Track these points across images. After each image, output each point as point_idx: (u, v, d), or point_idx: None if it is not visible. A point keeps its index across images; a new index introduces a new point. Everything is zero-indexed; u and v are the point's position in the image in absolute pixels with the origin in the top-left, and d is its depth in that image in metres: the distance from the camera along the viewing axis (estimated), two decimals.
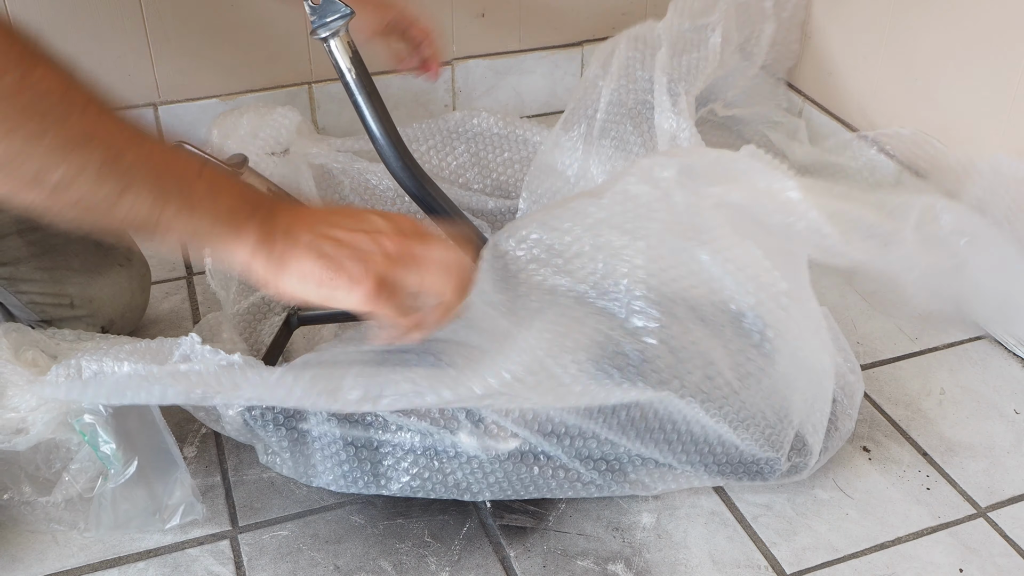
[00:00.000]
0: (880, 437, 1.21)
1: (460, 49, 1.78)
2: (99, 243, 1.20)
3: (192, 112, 1.65)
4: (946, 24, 1.38)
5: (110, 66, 1.57)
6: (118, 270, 1.22)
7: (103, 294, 1.20)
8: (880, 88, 1.53)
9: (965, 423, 1.23)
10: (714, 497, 1.13)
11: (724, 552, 1.06)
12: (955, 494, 1.14)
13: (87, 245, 1.19)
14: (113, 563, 1.04)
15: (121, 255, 1.23)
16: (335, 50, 1.08)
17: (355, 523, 1.09)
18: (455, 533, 1.08)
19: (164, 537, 1.07)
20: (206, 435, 1.19)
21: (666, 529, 1.09)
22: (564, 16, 1.83)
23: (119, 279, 1.22)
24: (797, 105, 1.71)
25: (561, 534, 1.08)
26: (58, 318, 1.18)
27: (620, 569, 1.04)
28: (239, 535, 1.07)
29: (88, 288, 1.19)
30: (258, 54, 1.65)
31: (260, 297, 1.25)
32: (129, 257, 1.24)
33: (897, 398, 1.27)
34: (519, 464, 1.01)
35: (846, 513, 1.11)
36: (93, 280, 1.19)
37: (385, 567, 1.04)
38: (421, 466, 1.03)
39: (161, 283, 1.44)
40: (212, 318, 1.17)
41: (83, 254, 1.19)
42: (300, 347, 1.27)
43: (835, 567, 1.05)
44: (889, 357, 1.33)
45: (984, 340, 1.36)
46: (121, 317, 1.24)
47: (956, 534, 1.09)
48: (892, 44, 1.49)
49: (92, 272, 1.19)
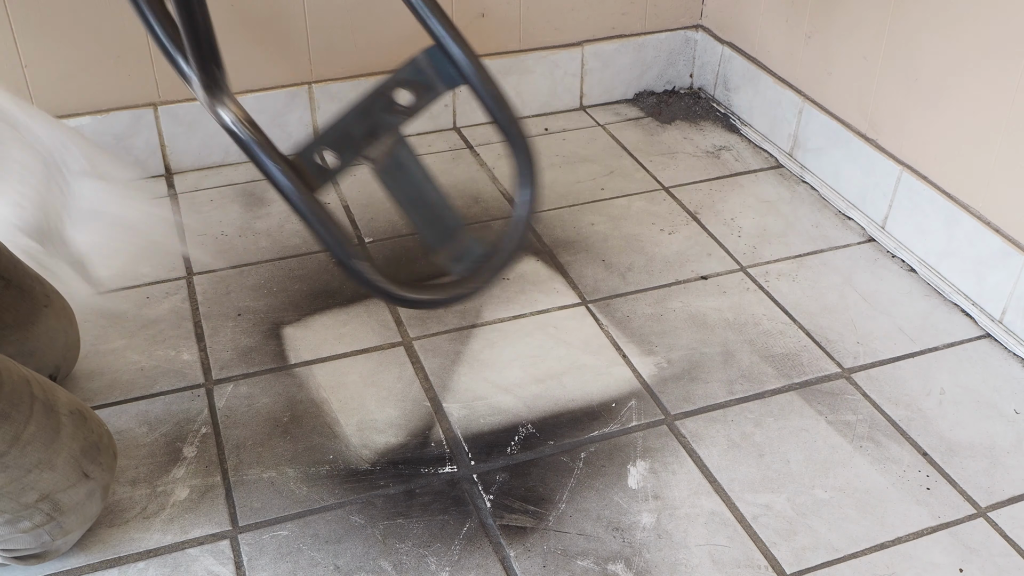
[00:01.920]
0: (880, 437, 1.21)
1: None
2: (21, 289, 1.15)
3: (192, 112, 1.65)
4: (946, 24, 1.39)
5: (110, 66, 1.57)
6: (45, 312, 1.18)
7: (41, 344, 1.17)
8: (880, 88, 1.53)
9: (965, 423, 1.23)
10: (714, 497, 1.13)
11: (724, 552, 1.06)
12: (955, 494, 1.14)
13: (12, 295, 1.14)
14: (113, 563, 1.04)
15: (40, 296, 1.18)
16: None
17: (355, 523, 1.09)
18: (455, 533, 1.08)
19: (164, 537, 1.07)
20: (206, 435, 1.19)
21: (666, 529, 1.09)
22: (564, 16, 1.83)
23: (50, 321, 1.18)
24: (797, 105, 1.71)
25: (561, 534, 1.08)
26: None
27: (620, 569, 1.04)
28: (239, 535, 1.07)
29: (26, 343, 1.15)
30: (258, 54, 1.65)
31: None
32: (48, 295, 1.20)
33: (897, 398, 1.27)
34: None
35: (846, 513, 1.11)
36: (28, 332, 1.15)
37: (385, 567, 1.04)
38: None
39: (161, 283, 1.44)
40: None
41: (12, 307, 1.14)
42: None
43: (835, 567, 1.05)
44: (889, 357, 1.33)
45: (984, 340, 1.36)
46: (64, 358, 1.21)
47: (956, 534, 1.09)
48: (892, 44, 1.49)
49: (25, 324, 1.15)
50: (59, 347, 1.20)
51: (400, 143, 1.02)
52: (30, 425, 0.93)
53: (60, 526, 0.98)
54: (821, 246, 1.55)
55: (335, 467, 1.15)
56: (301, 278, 1.46)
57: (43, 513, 0.96)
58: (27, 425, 0.93)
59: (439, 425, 1.21)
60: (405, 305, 1.08)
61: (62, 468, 0.96)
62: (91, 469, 0.99)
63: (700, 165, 1.76)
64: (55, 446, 0.95)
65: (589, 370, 1.30)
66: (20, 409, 0.92)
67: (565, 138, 1.84)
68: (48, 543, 0.99)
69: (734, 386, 1.28)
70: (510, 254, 1.06)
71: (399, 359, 1.31)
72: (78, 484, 0.98)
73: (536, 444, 1.19)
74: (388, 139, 1.01)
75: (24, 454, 0.93)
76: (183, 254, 1.49)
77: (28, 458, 0.93)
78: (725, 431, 1.21)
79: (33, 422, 0.94)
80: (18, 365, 0.97)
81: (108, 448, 1.03)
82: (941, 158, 1.44)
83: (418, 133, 1.82)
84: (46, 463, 0.95)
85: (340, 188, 1.66)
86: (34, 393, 0.95)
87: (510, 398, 1.25)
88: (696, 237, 1.56)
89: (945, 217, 1.43)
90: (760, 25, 1.79)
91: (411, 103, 1.03)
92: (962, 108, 1.38)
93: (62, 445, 0.96)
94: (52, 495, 0.96)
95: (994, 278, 1.36)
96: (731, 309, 1.41)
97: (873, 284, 1.47)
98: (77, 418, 1.00)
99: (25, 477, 0.93)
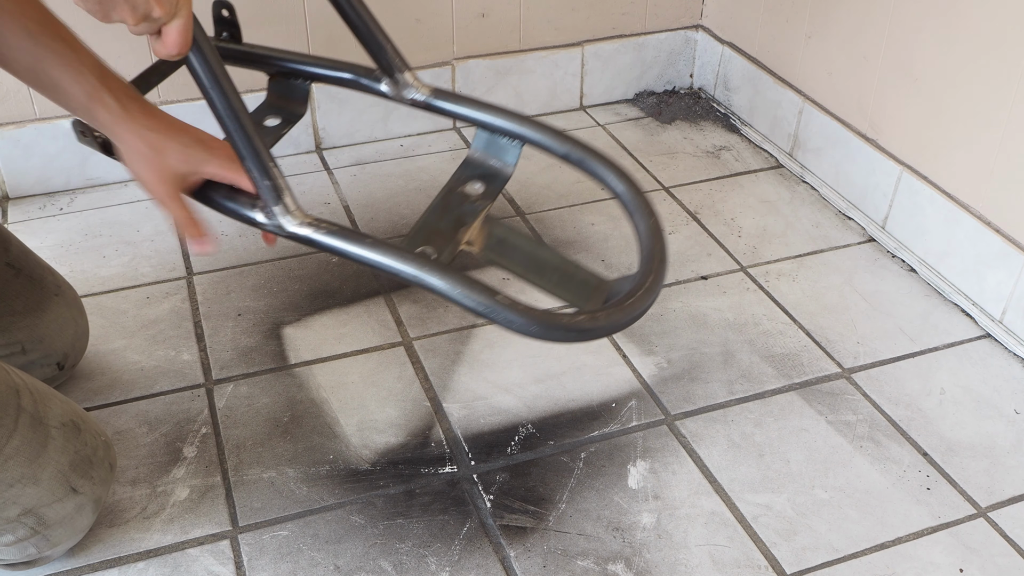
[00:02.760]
0: (880, 437, 1.21)
1: (460, 49, 1.78)
2: (31, 278, 1.17)
3: (192, 112, 1.65)
4: (946, 24, 1.39)
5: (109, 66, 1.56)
6: (56, 301, 1.19)
7: (51, 330, 1.18)
8: (880, 88, 1.53)
9: (965, 423, 1.23)
10: (714, 497, 1.13)
11: (724, 552, 1.06)
12: (955, 494, 1.14)
13: (22, 283, 1.16)
14: (113, 563, 1.04)
15: (51, 285, 1.20)
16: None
17: (355, 523, 1.09)
18: (455, 533, 1.08)
19: (164, 537, 1.07)
20: (206, 435, 1.19)
21: (666, 529, 1.09)
22: (564, 16, 1.83)
23: (60, 310, 1.19)
24: (797, 105, 1.71)
25: (561, 534, 1.08)
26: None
27: (620, 569, 1.04)
28: (239, 535, 1.07)
29: (36, 329, 1.16)
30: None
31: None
32: (59, 285, 1.21)
33: (897, 398, 1.27)
34: None
35: (846, 513, 1.11)
36: (39, 319, 1.16)
37: (385, 567, 1.04)
38: None
39: (161, 283, 1.44)
40: None
41: (23, 294, 1.16)
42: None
43: (835, 567, 1.05)
44: (889, 357, 1.33)
45: (984, 340, 1.36)
46: (72, 347, 1.22)
47: (956, 534, 1.09)
48: (892, 44, 1.49)
49: (36, 310, 1.16)
50: (68, 336, 1.20)
51: (492, 223, 1.00)
52: (13, 439, 0.92)
53: (46, 539, 0.98)
54: (821, 246, 1.55)
55: (335, 467, 1.15)
56: (301, 278, 1.46)
57: (27, 527, 0.95)
58: (9, 439, 0.91)
59: (439, 425, 1.21)
60: (598, 336, 1.00)
61: (47, 483, 0.95)
62: (80, 484, 0.98)
63: (700, 165, 1.76)
64: (40, 461, 0.94)
65: (589, 370, 1.30)
66: (3, 423, 0.91)
67: None
68: (35, 555, 0.99)
69: (734, 386, 1.28)
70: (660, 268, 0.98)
71: (399, 359, 1.31)
72: (65, 499, 0.97)
73: (536, 444, 1.19)
74: (478, 223, 0.99)
75: (4, 468, 0.91)
76: (183, 254, 1.50)
77: (9, 473, 0.91)
78: (725, 431, 1.21)
79: (17, 436, 0.92)
80: (11, 374, 0.96)
81: (103, 461, 1.02)
82: (941, 158, 1.44)
83: (418, 133, 1.82)
84: (29, 478, 0.93)
85: (340, 188, 1.66)
86: (22, 405, 0.94)
87: (510, 398, 1.25)
88: (696, 237, 1.56)
89: (945, 217, 1.43)
90: (760, 25, 1.79)
91: (484, 190, 1.02)
92: (962, 108, 1.38)
93: (48, 459, 0.95)
94: (36, 510, 0.95)
95: (994, 278, 1.36)
96: (731, 309, 1.41)
97: (873, 284, 1.47)
98: (69, 431, 0.98)
99: (6, 492, 0.92)
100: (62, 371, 1.21)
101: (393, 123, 1.80)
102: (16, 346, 1.14)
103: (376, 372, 1.29)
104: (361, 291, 1.43)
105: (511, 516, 1.10)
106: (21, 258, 1.16)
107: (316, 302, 1.41)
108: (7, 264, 1.14)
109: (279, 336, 1.35)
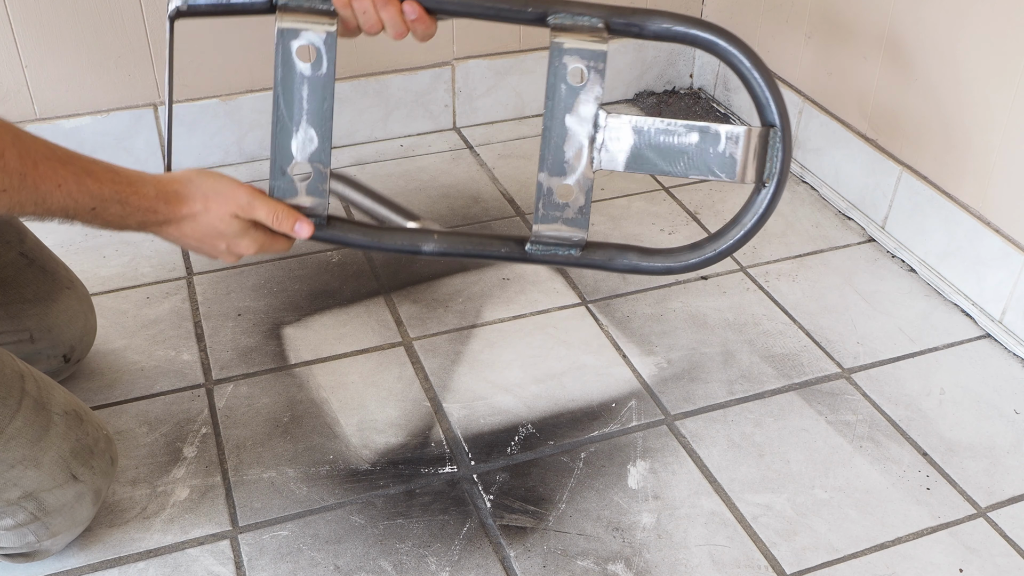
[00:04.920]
0: (880, 437, 1.21)
1: (460, 49, 1.78)
2: (44, 269, 1.18)
3: (192, 112, 1.65)
4: (946, 24, 1.39)
5: (110, 66, 1.57)
6: (67, 293, 1.20)
7: (60, 321, 1.18)
8: (880, 88, 1.53)
9: (965, 423, 1.23)
10: (714, 497, 1.13)
11: (724, 552, 1.06)
12: (955, 494, 1.14)
13: (35, 273, 1.18)
14: (113, 563, 1.04)
15: (63, 279, 1.21)
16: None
17: (355, 523, 1.09)
18: (455, 533, 1.08)
19: (164, 537, 1.07)
20: (206, 435, 1.19)
21: (666, 529, 1.09)
22: None
23: (70, 302, 1.20)
24: (797, 105, 1.71)
25: (561, 534, 1.08)
26: (19, 357, 1.08)
27: (620, 569, 1.04)
28: (239, 535, 1.07)
29: (45, 318, 1.17)
30: (258, 54, 1.65)
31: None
32: (71, 280, 1.23)
33: (897, 398, 1.27)
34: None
35: (846, 513, 1.11)
36: (49, 308, 1.17)
37: (385, 567, 1.04)
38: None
39: (161, 283, 1.44)
40: None
41: (34, 283, 1.17)
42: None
43: (835, 567, 1.05)
44: (889, 357, 1.33)
45: (984, 340, 1.36)
46: (80, 341, 1.22)
47: (956, 534, 1.09)
48: (892, 44, 1.49)
49: (46, 300, 1.17)
50: (77, 328, 1.21)
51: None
52: (16, 420, 0.93)
53: (46, 527, 0.98)
54: (821, 246, 1.55)
55: (335, 467, 1.15)
56: (301, 278, 1.46)
57: (26, 512, 0.96)
58: (12, 420, 0.93)
59: (439, 425, 1.21)
60: (678, 272, 1.00)
61: (48, 467, 0.96)
62: (81, 472, 0.99)
63: None
64: (42, 444, 0.95)
65: (589, 370, 1.30)
66: (7, 403, 0.92)
67: None
68: (34, 543, 0.99)
69: (734, 386, 1.28)
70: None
71: (399, 359, 1.31)
72: (65, 485, 0.97)
73: (536, 444, 1.19)
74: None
75: (7, 448, 0.92)
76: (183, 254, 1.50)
77: (11, 453, 0.93)
78: (725, 431, 1.21)
79: (20, 417, 0.93)
80: (16, 360, 0.97)
81: (104, 453, 1.02)
82: (941, 158, 1.44)
83: (418, 133, 1.82)
84: (31, 460, 0.94)
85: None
86: (26, 389, 0.95)
87: (510, 398, 1.25)
88: (696, 237, 1.56)
89: (945, 217, 1.43)
90: (760, 25, 1.79)
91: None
92: (962, 108, 1.38)
93: (50, 444, 0.96)
94: (36, 494, 0.96)
95: (994, 278, 1.36)
96: (731, 309, 1.41)
97: (873, 284, 1.47)
98: (71, 419, 0.99)
99: (7, 472, 0.93)
100: (67, 364, 1.21)
101: (393, 123, 1.80)
102: (24, 333, 1.15)
103: (376, 372, 1.29)
104: (361, 291, 1.43)
105: (511, 516, 1.10)
106: (35, 250, 1.19)
107: (316, 302, 1.41)
108: (20, 254, 1.16)
109: (279, 336, 1.35)
